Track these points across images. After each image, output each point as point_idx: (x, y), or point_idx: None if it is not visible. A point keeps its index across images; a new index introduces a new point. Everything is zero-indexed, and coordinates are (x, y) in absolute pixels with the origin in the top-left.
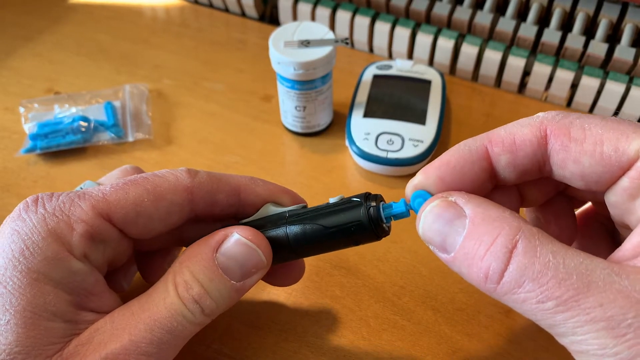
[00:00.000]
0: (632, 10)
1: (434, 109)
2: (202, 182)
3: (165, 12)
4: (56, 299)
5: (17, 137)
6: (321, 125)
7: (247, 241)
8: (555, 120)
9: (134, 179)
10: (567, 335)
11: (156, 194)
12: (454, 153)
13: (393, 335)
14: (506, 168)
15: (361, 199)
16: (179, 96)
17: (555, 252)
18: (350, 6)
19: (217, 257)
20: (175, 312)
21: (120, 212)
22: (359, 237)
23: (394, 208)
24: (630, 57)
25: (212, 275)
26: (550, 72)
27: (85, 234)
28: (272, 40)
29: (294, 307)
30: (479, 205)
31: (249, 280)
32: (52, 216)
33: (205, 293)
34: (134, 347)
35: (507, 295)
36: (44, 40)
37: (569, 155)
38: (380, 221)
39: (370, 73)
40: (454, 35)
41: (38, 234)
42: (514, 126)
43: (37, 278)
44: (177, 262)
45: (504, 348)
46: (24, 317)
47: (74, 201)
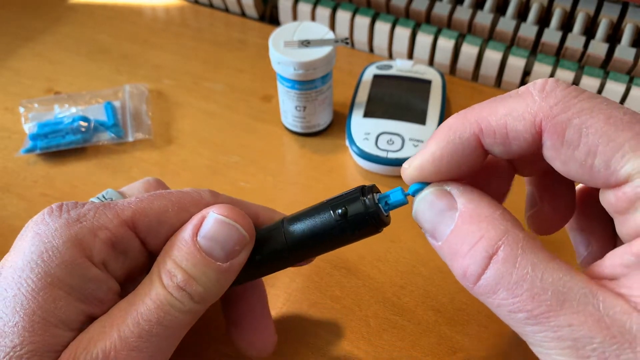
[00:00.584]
0: (632, 10)
1: (434, 109)
2: (224, 202)
3: (165, 12)
4: (67, 305)
5: (17, 137)
6: (321, 125)
7: (225, 218)
8: (552, 116)
9: (159, 193)
10: (534, 346)
11: (180, 205)
12: (445, 145)
13: (393, 335)
14: (500, 155)
15: (357, 192)
16: (179, 96)
17: (536, 264)
18: (350, 6)
19: (198, 240)
20: (161, 302)
21: (144, 220)
22: (359, 231)
23: (391, 197)
24: (631, 57)
25: (195, 260)
26: (551, 72)
27: (107, 242)
28: (272, 40)
29: (294, 307)
30: (471, 201)
31: (235, 259)
32: (76, 222)
33: (191, 278)
34: (122, 343)
35: (482, 296)
36: (44, 40)
37: (557, 156)
38: (380, 212)
39: (371, 73)
40: (454, 35)
41: (59, 238)
42: (506, 116)
43: (52, 282)
44: (161, 253)
45: (504, 348)
46: (33, 321)
47: (99, 209)
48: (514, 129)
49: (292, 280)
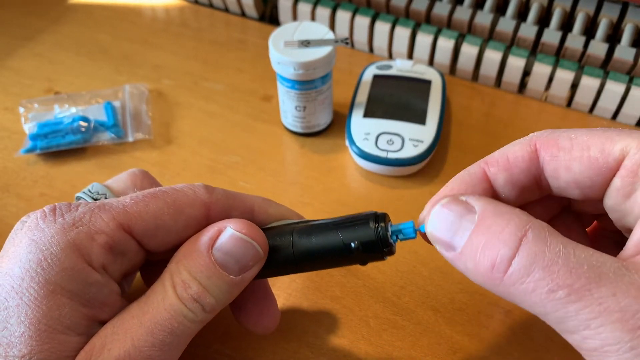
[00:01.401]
0: (632, 10)
1: (434, 109)
2: (219, 198)
3: (165, 12)
4: (72, 311)
5: (17, 137)
6: (321, 125)
7: (242, 235)
8: (544, 136)
9: (153, 192)
10: (578, 331)
11: (176, 207)
12: (455, 181)
13: (393, 335)
14: (505, 187)
15: (371, 220)
16: (179, 96)
17: (565, 243)
18: (350, 6)
19: (213, 253)
20: (175, 312)
21: (140, 225)
22: (366, 257)
23: (403, 232)
24: (631, 57)
25: (210, 273)
26: (551, 72)
27: (105, 246)
28: (272, 40)
29: (294, 307)
30: (489, 203)
31: (247, 274)
32: (72, 227)
33: (205, 291)
34: (136, 352)
35: (514, 285)
36: (44, 40)
37: (559, 164)
38: (389, 243)
39: (370, 73)
40: (454, 35)
41: (57, 245)
42: (506, 147)
43: (54, 290)
44: (173, 262)
45: (504, 348)
46: (39, 329)
47: (94, 212)
48: (513, 152)
49: (292, 280)
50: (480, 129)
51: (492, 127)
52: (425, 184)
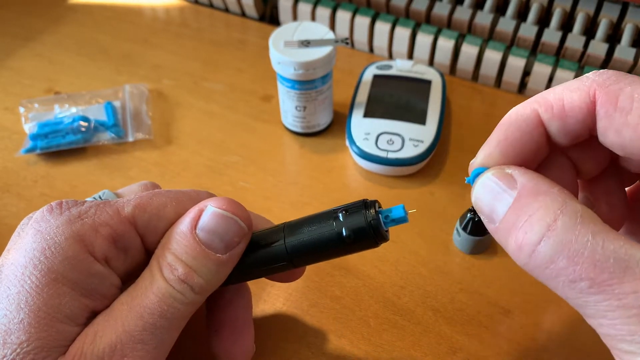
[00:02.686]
0: (632, 10)
1: (434, 109)
2: None
3: (165, 12)
4: (71, 301)
5: (17, 137)
6: (321, 125)
7: (223, 211)
8: (605, 85)
9: (157, 191)
10: (596, 317)
11: (178, 202)
12: (508, 126)
13: (393, 335)
14: (558, 134)
15: (360, 207)
16: (179, 96)
17: (596, 232)
18: (350, 6)
19: (197, 233)
20: (163, 295)
21: (143, 216)
22: (358, 244)
23: (393, 214)
24: (631, 57)
25: (195, 253)
26: (551, 72)
27: (109, 238)
28: (272, 40)
29: (294, 307)
30: (530, 180)
31: (234, 250)
32: (77, 219)
33: (192, 271)
34: (127, 336)
35: (538, 269)
36: (44, 40)
37: (611, 125)
38: (380, 228)
39: (371, 73)
40: (454, 35)
41: (61, 234)
42: (562, 90)
43: (55, 278)
44: (159, 247)
45: (504, 348)
46: (38, 317)
47: (100, 206)
48: (570, 99)
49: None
50: (480, 129)
51: (492, 127)
52: (425, 184)
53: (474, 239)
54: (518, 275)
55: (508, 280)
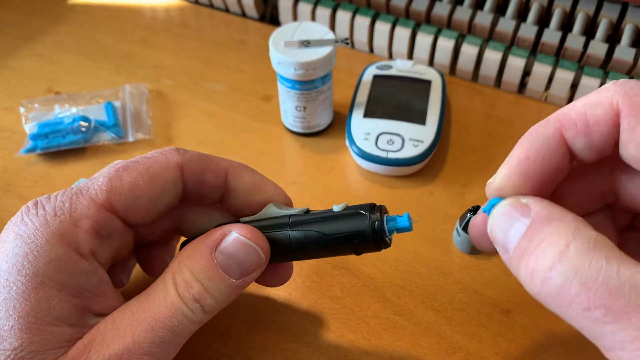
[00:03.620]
0: (632, 10)
1: (434, 109)
2: (192, 159)
3: (165, 12)
4: (61, 303)
5: (18, 137)
6: (321, 125)
7: (246, 239)
8: (628, 96)
9: (125, 165)
10: (614, 350)
11: (150, 174)
12: (530, 146)
13: (393, 335)
14: (584, 151)
15: (366, 211)
16: (179, 96)
17: (610, 257)
18: (350, 6)
19: (216, 255)
20: (176, 311)
21: (120, 200)
22: (361, 247)
23: (398, 222)
24: (630, 58)
25: (212, 275)
26: (550, 72)
27: (90, 230)
28: (272, 40)
29: (294, 307)
30: (545, 207)
31: (247, 277)
32: (54, 217)
33: (206, 292)
34: (136, 347)
35: (551, 297)
36: (44, 40)
37: (633, 138)
38: (383, 234)
39: (371, 73)
40: (454, 36)
41: (42, 237)
42: (584, 106)
43: (41, 282)
44: (176, 261)
45: (504, 348)
46: (28, 322)
47: (73, 199)
48: (594, 114)
49: (292, 280)
50: (480, 129)
51: (492, 127)
52: (425, 184)
53: None
54: None
55: (508, 280)
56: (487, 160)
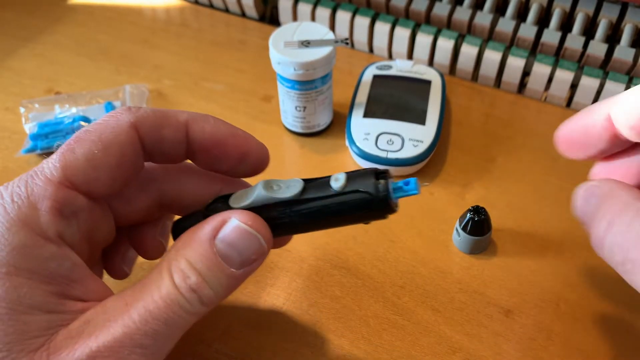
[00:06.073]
0: (632, 10)
1: (434, 109)
2: (145, 116)
3: (165, 12)
4: (31, 290)
5: (18, 137)
6: (321, 125)
7: (247, 227)
8: None
9: (76, 136)
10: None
11: (103, 141)
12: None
13: (393, 335)
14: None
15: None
16: (179, 96)
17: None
18: (350, 6)
19: (216, 244)
20: (171, 302)
21: (77, 174)
22: (366, 214)
23: (404, 186)
24: (630, 58)
25: (210, 264)
26: (550, 72)
27: (51, 210)
28: (272, 40)
29: (294, 307)
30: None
31: (248, 268)
32: (11, 203)
33: (204, 282)
34: (127, 339)
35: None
36: (44, 41)
37: None
38: (389, 198)
39: (370, 73)
40: (453, 36)
41: (1, 225)
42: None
43: (7, 272)
44: (173, 250)
45: (504, 348)
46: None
47: (28, 181)
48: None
49: (292, 280)
50: (480, 129)
51: (492, 127)
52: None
53: (474, 239)
54: (518, 275)
55: (508, 280)
56: (487, 160)
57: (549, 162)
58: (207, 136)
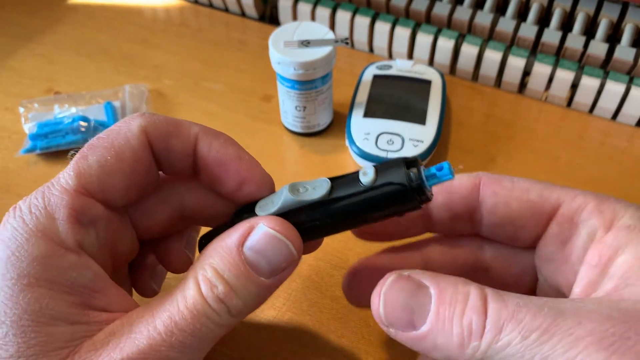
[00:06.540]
0: (632, 10)
1: (434, 109)
2: (157, 122)
3: (165, 12)
4: (54, 301)
5: (17, 137)
6: (321, 125)
7: (276, 233)
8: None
9: (89, 143)
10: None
11: (116, 148)
12: None
13: None
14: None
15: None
16: (179, 96)
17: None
18: (350, 6)
19: (244, 251)
20: (198, 312)
21: (91, 181)
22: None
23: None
24: (631, 57)
25: (239, 272)
26: (551, 72)
27: (69, 218)
28: (272, 40)
29: (294, 307)
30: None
31: (279, 276)
32: (29, 214)
33: (232, 291)
34: (153, 351)
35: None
36: (44, 41)
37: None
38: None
39: (370, 73)
40: (454, 35)
41: (21, 237)
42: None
43: (28, 283)
44: (200, 259)
45: None
46: (22, 326)
47: (45, 192)
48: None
49: (292, 280)
50: (480, 129)
51: (492, 127)
52: None
53: None
54: None
55: None
56: (487, 160)
57: (549, 162)
58: (213, 153)
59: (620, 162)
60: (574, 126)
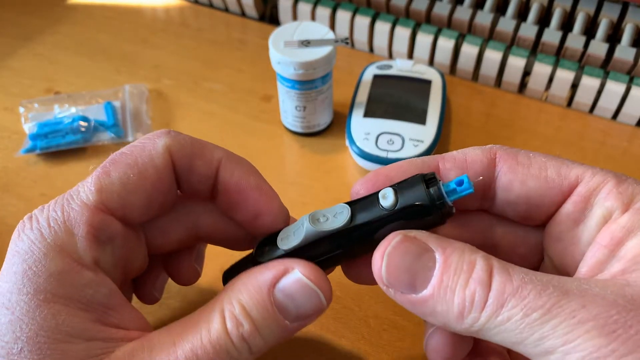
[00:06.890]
0: (633, 10)
1: (434, 109)
2: (182, 142)
3: (165, 12)
4: (70, 317)
5: (17, 137)
6: (321, 125)
7: (309, 282)
8: (504, 149)
9: (112, 158)
10: (556, 348)
11: (139, 165)
12: (407, 162)
13: (393, 335)
14: None
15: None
16: (179, 96)
17: (526, 271)
18: (350, 6)
19: (275, 293)
20: (220, 348)
21: (112, 198)
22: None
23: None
24: (631, 57)
25: (266, 313)
26: (551, 72)
27: (88, 236)
28: (272, 40)
29: None
30: (440, 238)
31: (302, 322)
32: (48, 227)
33: (256, 331)
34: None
35: (490, 320)
36: (44, 40)
37: (516, 177)
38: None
39: (371, 73)
40: (454, 35)
41: (39, 251)
42: (467, 149)
43: (45, 299)
44: (228, 290)
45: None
46: (38, 342)
47: (64, 206)
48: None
49: None
50: (480, 129)
51: (492, 127)
52: None
53: None
54: None
55: None
56: None
57: None
58: (234, 180)
59: (620, 162)
60: (574, 126)
